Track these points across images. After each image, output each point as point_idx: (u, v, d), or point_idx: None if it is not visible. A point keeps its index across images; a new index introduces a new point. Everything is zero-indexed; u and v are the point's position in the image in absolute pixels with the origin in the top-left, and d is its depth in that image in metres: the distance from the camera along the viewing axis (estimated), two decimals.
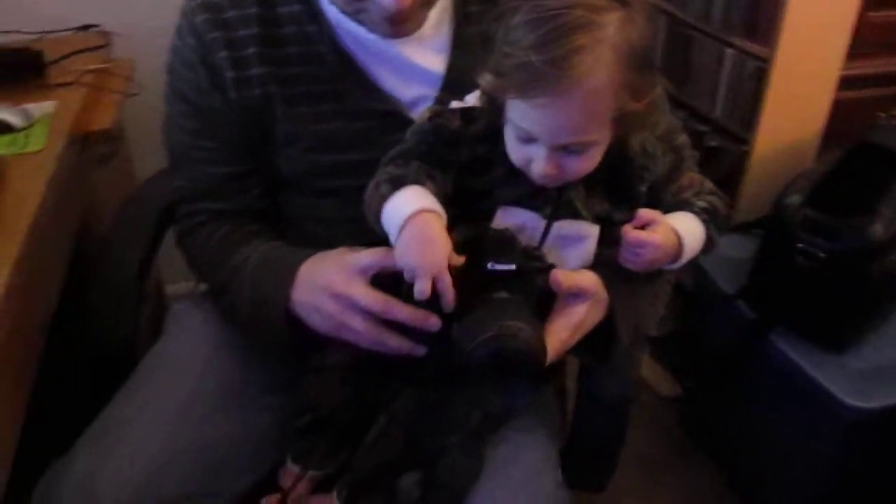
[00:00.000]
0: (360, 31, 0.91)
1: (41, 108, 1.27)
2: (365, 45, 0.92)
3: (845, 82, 1.57)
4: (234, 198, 1.01)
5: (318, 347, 0.95)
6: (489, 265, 0.77)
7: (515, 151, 0.79)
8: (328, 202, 0.99)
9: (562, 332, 0.81)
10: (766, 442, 1.46)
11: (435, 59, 0.94)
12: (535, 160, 0.77)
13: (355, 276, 0.83)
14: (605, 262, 0.85)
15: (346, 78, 0.93)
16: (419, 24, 0.91)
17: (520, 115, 0.75)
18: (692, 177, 0.93)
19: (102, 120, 1.34)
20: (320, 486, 1.00)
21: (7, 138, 1.18)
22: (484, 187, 0.83)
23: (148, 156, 1.26)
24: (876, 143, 1.39)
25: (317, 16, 0.92)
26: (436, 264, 0.75)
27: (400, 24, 0.88)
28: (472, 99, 0.86)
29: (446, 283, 0.75)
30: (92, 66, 1.43)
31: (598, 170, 0.81)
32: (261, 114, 0.94)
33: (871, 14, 1.57)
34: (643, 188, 0.86)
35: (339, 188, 0.96)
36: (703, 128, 1.65)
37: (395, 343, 0.82)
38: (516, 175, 0.81)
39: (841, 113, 1.58)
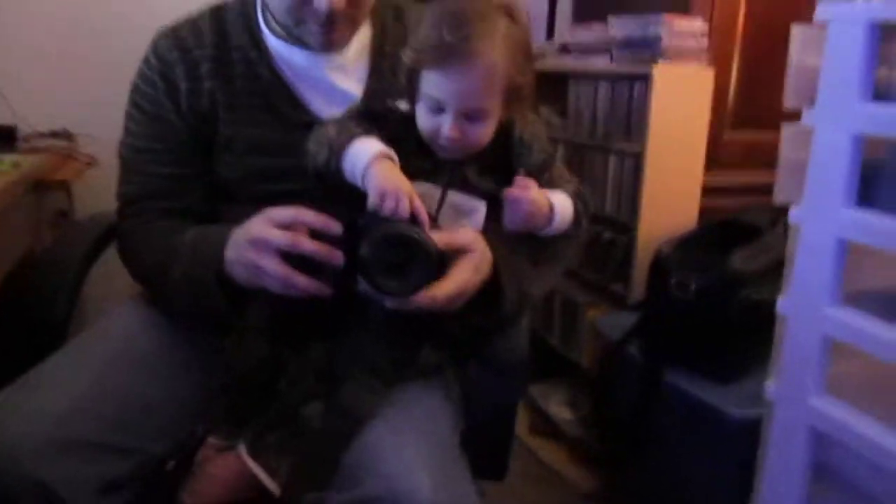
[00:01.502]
0: (294, 57, 1.12)
1: (8, 156, 1.44)
2: (296, 69, 1.13)
3: (708, 191, 1.86)
4: (179, 197, 1.13)
5: (239, 309, 1.03)
6: None
7: (426, 122, 0.98)
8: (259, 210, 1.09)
9: (462, 273, 0.94)
10: (679, 476, 1.53)
11: (355, 85, 1.14)
12: (442, 126, 0.96)
13: (270, 224, 0.94)
14: (492, 232, 1.00)
15: (279, 94, 1.12)
16: (346, 41, 1.11)
17: (433, 85, 0.95)
18: (563, 173, 1.13)
19: (62, 174, 1.50)
20: None
21: None
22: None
23: None
24: (735, 220, 1.64)
25: (259, 45, 1.13)
26: (408, 187, 0.91)
27: (332, 33, 1.06)
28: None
29: (418, 203, 0.90)
30: (57, 143, 1.62)
31: (487, 152, 1.02)
32: (207, 120, 1.11)
33: (726, 133, 1.91)
34: (521, 171, 1.05)
35: (270, 193, 1.09)
36: (598, 227, 1.90)
37: (304, 282, 0.91)
38: (423, 152, 1.01)
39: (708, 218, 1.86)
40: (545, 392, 2.10)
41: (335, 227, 0.91)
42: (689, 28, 1.73)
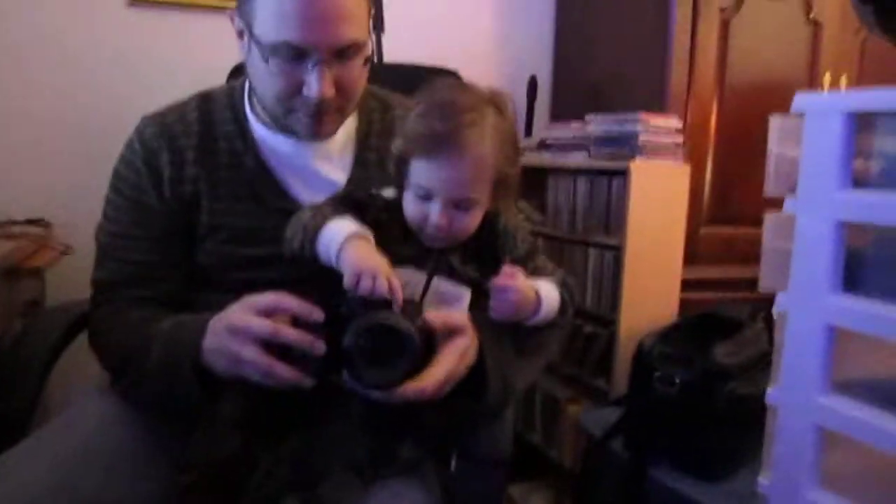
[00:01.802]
0: (280, 145, 1.13)
1: None
2: (282, 157, 1.14)
3: (687, 285, 1.87)
4: (155, 285, 1.11)
5: (212, 400, 1.00)
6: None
7: (413, 210, 0.99)
8: (237, 298, 1.10)
9: (448, 360, 0.92)
10: None
11: (339, 173, 1.15)
12: (430, 214, 0.97)
13: (251, 311, 0.92)
14: (476, 320, 0.98)
15: (263, 182, 1.13)
16: (334, 130, 1.12)
17: (422, 174, 0.97)
18: (548, 263, 1.13)
19: (35, 262, 1.47)
20: None
21: None
22: (382, 246, 1.02)
23: None
24: (715, 313, 1.63)
25: (245, 134, 1.14)
26: (385, 265, 0.91)
27: (321, 123, 1.07)
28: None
29: (394, 283, 0.89)
30: (32, 230, 1.60)
31: (471, 241, 1.02)
32: (189, 208, 1.11)
33: (702, 228, 1.94)
34: (507, 259, 1.05)
35: (250, 281, 1.05)
36: (578, 321, 1.89)
37: (285, 373, 0.89)
38: (408, 239, 1.01)
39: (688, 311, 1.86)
40: (526, 492, 2.03)
41: (317, 314, 0.90)
42: (664, 125, 1.78)
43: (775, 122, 0.88)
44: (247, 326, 0.90)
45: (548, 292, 1.04)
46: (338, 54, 1.01)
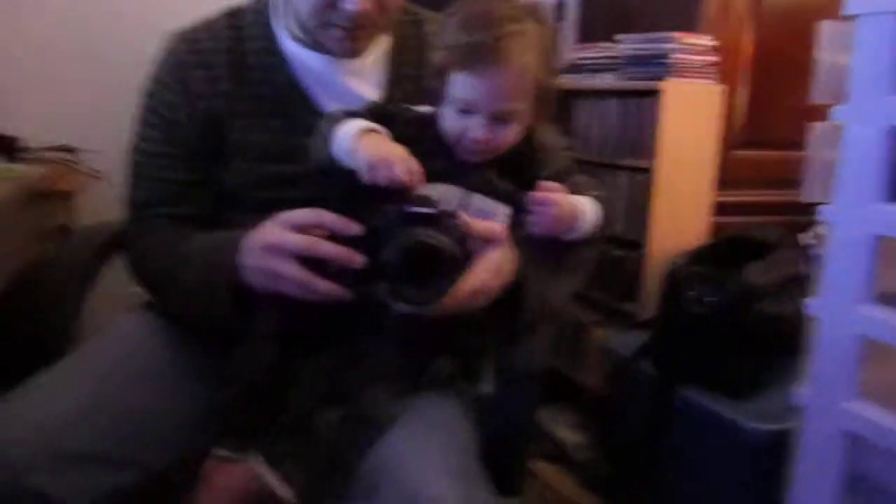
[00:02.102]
0: (311, 61, 1.10)
1: (12, 166, 1.41)
2: (314, 74, 1.11)
3: (717, 209, 1.85)
4: (188, 203, 1.10)
5: (249, 318, 1.00)
6: (408, 208, 0.88)
7: (452, 124, 0.96)
8: (266, 217, 1.06)
9: (482, 272, 0.90)
10: (694, 495, 1.48)
11: (371, 90, 1.12)
12: (470, 129, 0.94)
13: (286, 228, 0.91)
14: (514, 236, 0.97)
15: (295, 100, 1.10)
16: (366, 47, 1.10)
17: (463, 87, 0.93)
18: (586, 178, 1.11)
19: (65, 186, 1.48)
20: None
21: None
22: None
23: None
24: (746, 235, 1.62)
25: (276, 51, 1.11)
26: (401, 152, 0.89)
27: (355, 39, 1.05)
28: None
29: (413, 167, 0.87)
30: (61, 156, 1.60)
31: (507, 156, 1.00)
32: (220, 125, 1.09)
33: (734, 152, 1.91)
34: (543, 175, 1.03)
35: (278, 200, 1.03)
36: (606, 245, 1.87)
37: (324, 287, 0.88)
38: (441, 154, 0.99)
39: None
40: (552, 416, 2.06)
41: (354, 228, 0.89)
42: (698, 44, 1.73)
43: (825, 28, 0.85)
44: (283, 242, 0.90)
45: (587, 207, 1.02)
46: None
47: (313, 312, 0.95)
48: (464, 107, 0.94)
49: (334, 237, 0.90)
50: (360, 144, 0.91)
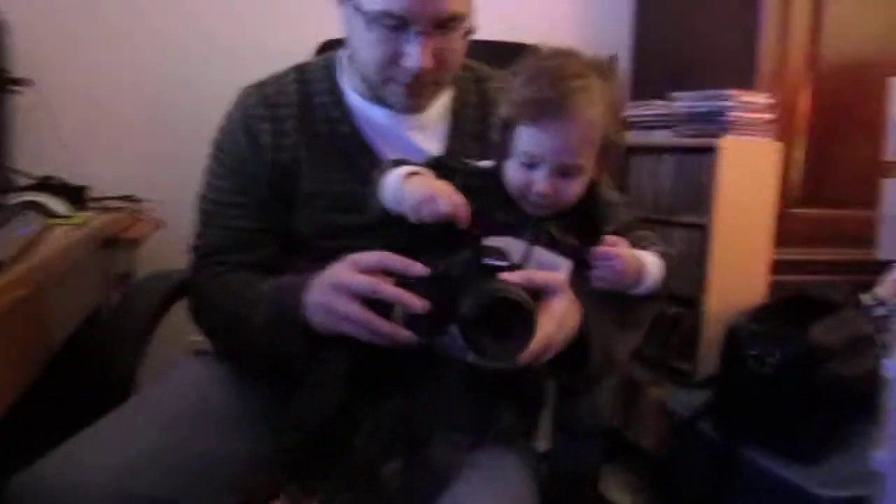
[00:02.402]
0: (375, 115, 1.13)
1: (80, 213, 1.45)
2: (378, 128, 1.14)
3: (776, 266, 1.81)
4: (255, 251, 1.12)
5: (314, 359, 1.00)
6: (485, 260, 0.89)
7: (517, 176, 0.96)
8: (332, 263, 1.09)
9: (546, 324, 0.89)
10: None
11: (434, 145, 1.14)
12: (535, 182, 0.94)
13: (353, 268, 0.93)
14: (578, 290, 0.96)
15: (359, 151, 1.13)
16: (428, 103, 1.12)
17: (529, 140, 0.94)
18: (649, 233, 1.10)
19: (131, 234, 1.52)
20: None
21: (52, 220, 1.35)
22: (475, 212, 1.00)
23: None
24: (807, 294, 1.58)
25: (341, 104, 1.15)
26: (445, 186, 0.91)
27: (417, 95, 1.08)
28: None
29: (458, 201, 0.89)
30: (125, 205, 1.65)
31: (571, 210, 1.00)
32: (288, 175, 1.12)
33: (793, 209, 1.88)
34: (607, 230, 1.03)
35: (345, 249, 1.03)
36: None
37: (387, 329, 0.89)
38: (505, 207, 0.99)
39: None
40: (606, 477, 2.00)
41: (419, 269, 0.89)
42: (755, 102, 1.73)
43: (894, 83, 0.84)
44: (348, 282, 0.91)
45: (651, 262, 1.01)
46: (439, 25, 1.00)
47: (378, 357, 0.95)
48: (529, 160, 0.95)
49: (404, 283, 0.90)
50: (406, 186, 0.92)
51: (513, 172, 0.97)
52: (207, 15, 2.00)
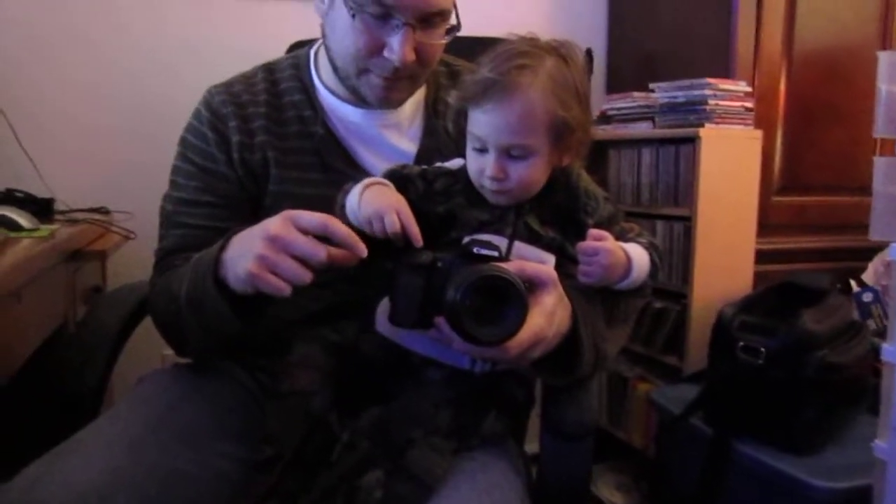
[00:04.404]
0: (349, 114, 1.10)
1: (46, 226, 1.40)
2: (350, 126, 1.10)
3: (760, 256, 1.79)
4: None
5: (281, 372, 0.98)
6: (475, 249, 0.86)
7: (472, 164, 0.94)
8: None
9: (537, 318, 0.85)
10: None
11: (408, 142, 1.12)
12: (485, 167, 0.92)
13: (292, 226, 0.86)
14: (566, 287, 0.92)
15: (332, 152, 1.09)
16: (403, 99, 1.09)
17: (474, 123, 0.92)
18: (633, 225, 1.07)
19: (98, 247, 1.47)
20: None
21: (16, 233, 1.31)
22: (446, 213, 0.97)
23: None
24: (795, 282, 1.56)
25: (313, 103, 1.11)
26: (396, 202, 0.88)
27: (393, 90, 1.04)
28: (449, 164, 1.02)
29: (407, 216, 0.87)
30: (94, 217, 1.60)
31: (547, 201, 0.97)
32: (256, 176, 1.08)
33: (774, 198, 1.86)
34: (590, 222, 0.99)
35: None
36: None
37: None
38: (476, 203, 0.96)
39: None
40: (596, 476, 1.97)
41: (361, 249, 0.85)
42: (734, 90, 1.71)
43: (884, 58, 0.82)
44: (285, 238, 0.85)
45: (638, 255, 0.98)
46: (424, 20, 0.98)
47: (352, 369, 0.93)
48: (478, 145, 0.93)
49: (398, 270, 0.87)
50: (361, 200, 0.90)
51: (469, 161, 0.95)
52: (176, 19, 1.95)
